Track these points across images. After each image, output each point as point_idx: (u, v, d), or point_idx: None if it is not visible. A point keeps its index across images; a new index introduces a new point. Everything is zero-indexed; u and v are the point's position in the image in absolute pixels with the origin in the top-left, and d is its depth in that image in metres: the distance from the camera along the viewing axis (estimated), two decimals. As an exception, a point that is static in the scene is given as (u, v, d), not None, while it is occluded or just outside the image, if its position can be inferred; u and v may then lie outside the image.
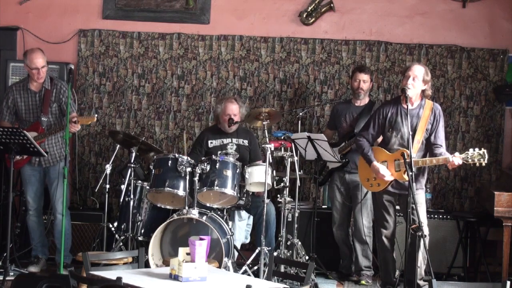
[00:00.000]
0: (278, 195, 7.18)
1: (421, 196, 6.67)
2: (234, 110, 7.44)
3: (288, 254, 7.08)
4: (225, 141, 7.50)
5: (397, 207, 6.92)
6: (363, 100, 7.59)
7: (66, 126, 6.68)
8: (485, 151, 6.39)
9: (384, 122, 6.72)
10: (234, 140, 7.50)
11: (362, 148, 6.78)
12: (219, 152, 7.09)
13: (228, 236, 6.77)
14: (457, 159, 6.40)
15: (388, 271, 6.88)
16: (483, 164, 6.42)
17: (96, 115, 7.35)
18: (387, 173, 6.61)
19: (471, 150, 6.43)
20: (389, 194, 6.75)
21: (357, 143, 6.85)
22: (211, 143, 7.49)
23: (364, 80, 7.52)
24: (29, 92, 7.25)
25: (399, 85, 8.03)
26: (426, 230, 6.60)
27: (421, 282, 6.61)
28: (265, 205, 6.81)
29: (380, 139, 6.90)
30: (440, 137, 6.69)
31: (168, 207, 7.14)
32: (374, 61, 8.25)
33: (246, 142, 7.55)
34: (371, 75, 7.64)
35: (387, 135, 6.72)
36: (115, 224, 7.22)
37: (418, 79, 6.59)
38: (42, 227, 7.46)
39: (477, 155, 6.38)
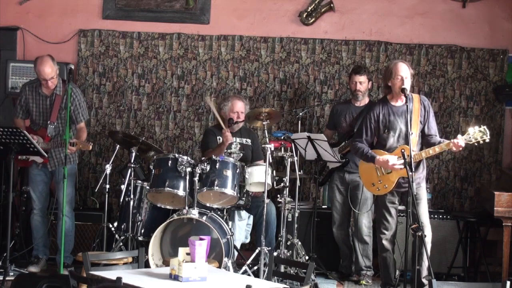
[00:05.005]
0: (278, 195, 7.18)
1: (423, 190, 6.64)
2: (241, 107, 7.45)
3: (288, 254, 7.07)
4: None
5: (401, 207, 6.84)
6: (363, 101, 7.57)
7: (67, 126, 6.67)
8: (485, 127, 6.37)
9: (377, 125, 6.64)
10: (238, 139, 7.49)
11: (360, 149, 6.65)
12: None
13: (228, 236, 6.77)
14: (460, 140, 6.37)
15: (388, 271, 6.86)
16: (487, 140, 6.37)
17: (91, 144, 7.09)
18: (395, 159, 6.48)
19: (471, 129, 6.39)
20: (393, 194, 6.69)
21: (354, 146, 6.74)
22: (219, 139, 7.48)
23: (361, 82, 7.50)
24: (41, 95, 7.22)
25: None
26: (428, 226, 6.57)
27: (424, 281, 6.59)
28: (265, 205, 6.82)
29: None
30: (433, 127, 6.66)
31: (168, 207, 7.13)
32: (374, 61, 8.25)
33: (249, 141, 7.55)
34: (368, 74, 7.62)
35: (383, 137, 6.64)
36: (115, 224, 7.21)
37: (408, 77, 6.58)
38: (45, 227, 7.45)
39: (479, 132, 6.36)
